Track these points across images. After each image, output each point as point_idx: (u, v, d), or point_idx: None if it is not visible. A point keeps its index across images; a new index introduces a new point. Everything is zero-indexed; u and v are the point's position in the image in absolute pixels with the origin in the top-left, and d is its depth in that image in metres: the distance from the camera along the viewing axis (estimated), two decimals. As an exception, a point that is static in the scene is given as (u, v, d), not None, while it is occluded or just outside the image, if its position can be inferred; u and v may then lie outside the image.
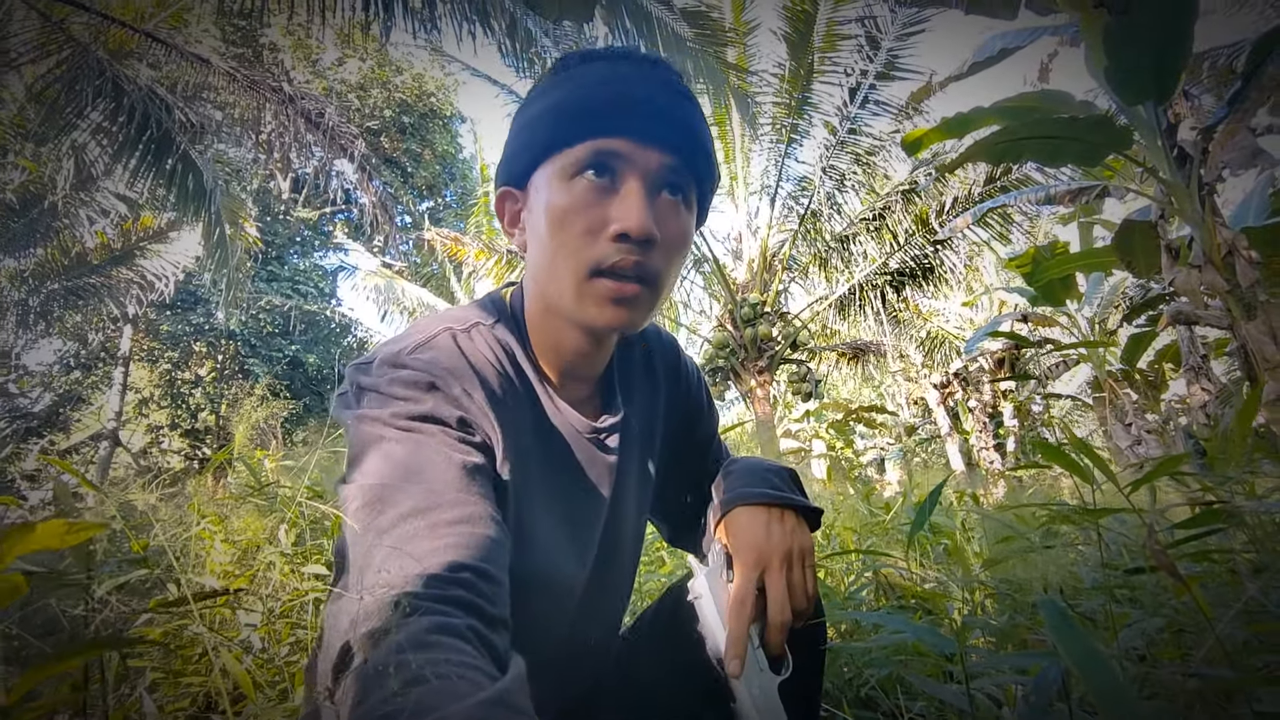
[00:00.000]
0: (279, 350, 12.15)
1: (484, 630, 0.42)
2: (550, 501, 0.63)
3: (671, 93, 0.59)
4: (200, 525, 1.39)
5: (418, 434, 0.51)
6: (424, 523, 0.46)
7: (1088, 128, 2.76)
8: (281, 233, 13.24)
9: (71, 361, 10.65)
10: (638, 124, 0.56)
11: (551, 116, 0.58)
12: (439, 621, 0.40)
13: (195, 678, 1.02)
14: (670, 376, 0.78)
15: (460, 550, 0.45)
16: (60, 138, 5.23)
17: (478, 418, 0.56)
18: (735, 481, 0.70)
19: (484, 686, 0.35)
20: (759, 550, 0.63)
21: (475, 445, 0.54)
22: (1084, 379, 9.99)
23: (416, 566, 0.43)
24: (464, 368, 0.57)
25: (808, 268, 7.98)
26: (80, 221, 7.14)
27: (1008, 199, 4.72)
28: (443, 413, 0.53)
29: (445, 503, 0.47)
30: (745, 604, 0.60)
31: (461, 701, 0.33)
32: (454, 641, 0.39)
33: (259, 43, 12.99)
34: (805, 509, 0.68)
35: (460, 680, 0.36)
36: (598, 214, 0.56)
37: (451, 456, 0.51)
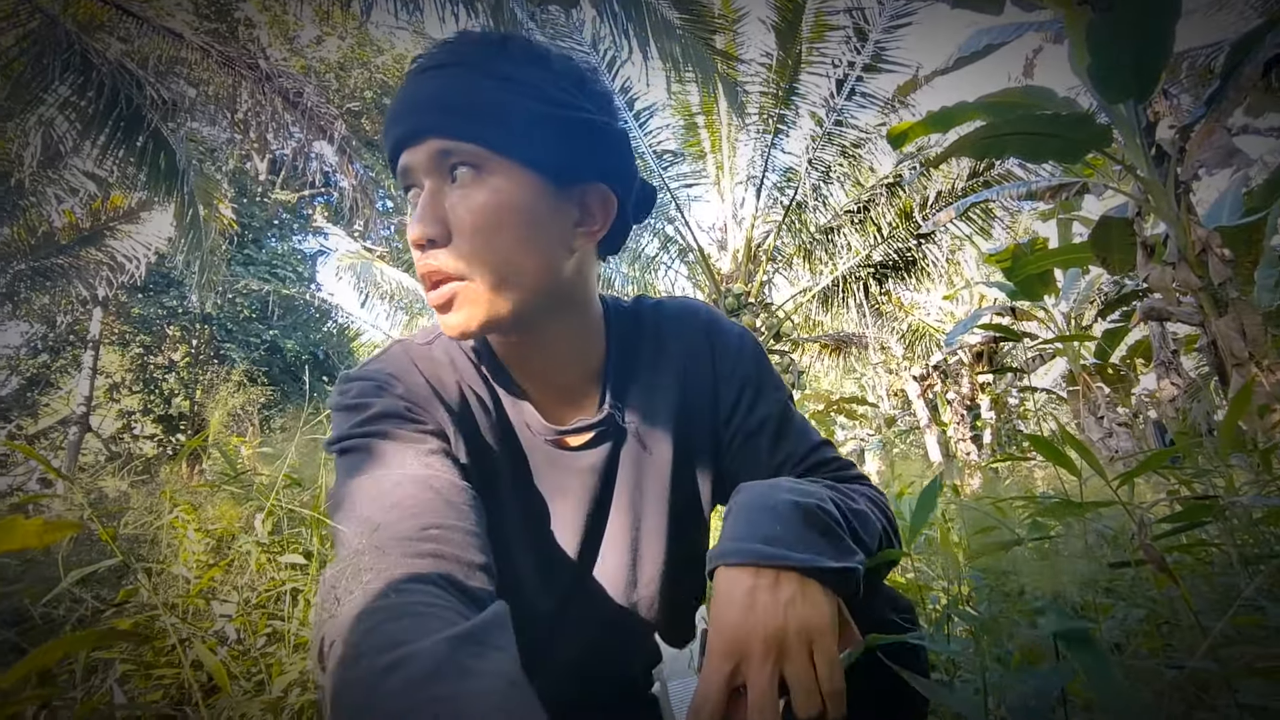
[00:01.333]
0: (256, 335, 11.92)
1: (457, 577, 0.44)
2: (509, 502, 0.63)
3: (440, 69, 0.55)
4: (173, 514, 1.36)
5: (374, 436, 0.55)
6: (388, 501, 0.49)
7: (1069, 124, 2.79)
8: (259, 215, 12.94)
9: (39, 344, 10.36)
10: (406, 127, 0.55)
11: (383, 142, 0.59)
12: (410, 573, 0.42)
13: (168, 669, 1.00)
14: (692, 356, 0.67)
15: (425, 513, 0.47)
16: (26, 113, 5.04)
17: (426, 410, 0.58)
18: (728, 523, 0.51)
19: (456, 623, 0.36)
20: (732, 633, 0.45)
21: (428, 432, 0.57)
22: (1059, 373, 10.20)
23: (385, 532, 0.45)
24: (408, 370, 0.60)
25: (792, 259, 8.01)
26: (48, 200, 6.91)
27: (990, 194, 4.77)
28: (393, 408, 0.57)
29: (407, 479, 0.51)
30: (701, 710, 0.43)
31: (430, 637, 0.34)
32: (424, 587, 0.41)
33: (233, 18, 12.62)
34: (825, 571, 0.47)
35: (431, 619, 0.37)
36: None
37: (406, 446, 0.54)
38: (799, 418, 0.68)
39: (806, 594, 0.46)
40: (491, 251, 0.54)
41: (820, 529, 0.50)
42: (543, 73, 0.56)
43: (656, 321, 0.69)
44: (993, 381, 9.64)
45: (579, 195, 0.59)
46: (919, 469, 4.38)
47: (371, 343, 13.42)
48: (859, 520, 0.55)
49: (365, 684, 0.33)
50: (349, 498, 0.51)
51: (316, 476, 1.71)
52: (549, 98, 0.55)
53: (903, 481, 2.31)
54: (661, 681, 0.49)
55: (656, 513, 0.67)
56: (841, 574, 0.48)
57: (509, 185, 0.54)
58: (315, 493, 1.62)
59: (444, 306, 0.56)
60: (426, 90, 0.55)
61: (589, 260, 0.63)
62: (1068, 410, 9.13)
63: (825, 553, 0.48)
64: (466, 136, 0.54)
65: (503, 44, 0.56)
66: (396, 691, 0.32)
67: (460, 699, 0.31)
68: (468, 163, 0.54)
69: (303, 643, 1.15)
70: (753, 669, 0.43)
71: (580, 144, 0.57)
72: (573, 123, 0.56)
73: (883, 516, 0.60)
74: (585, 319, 0.64)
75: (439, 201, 0.55)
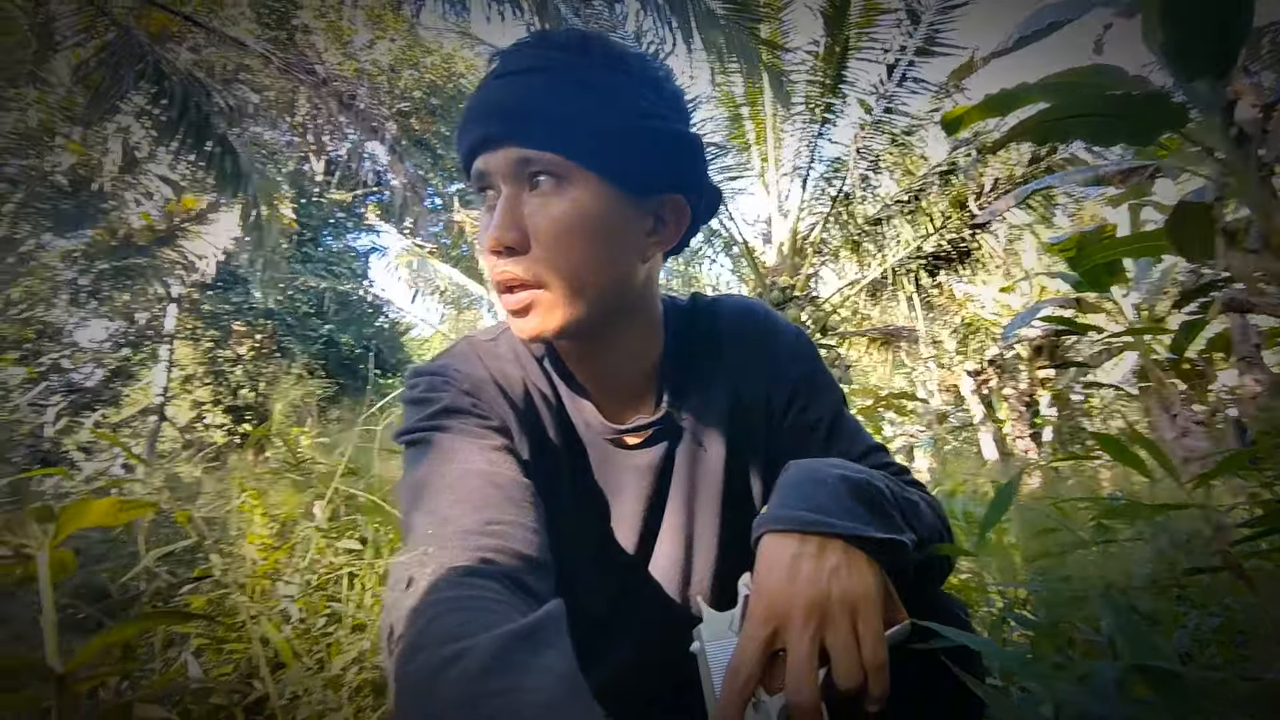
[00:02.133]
0: (314, 330, 12.43)
1: (518, 574, 0.45)
2: (568, 499, 0.64)
3: (523, 75, 0.55)
4: (240, 499, 1.44)
5: (440, 429, 0.57)
6: (452, 495, 0.50)
7: (1142, 104, 2.61)
8: (316, 214, 13.47)
9: (121, 339, 11.08)
10: (487, 132, 0.55)
11: (456, 142, 0.60)
12: (471, 567, 0.43)
13: (237, 645, 1.06)
14: (747, 356, 0.67)
15: (488, 508, 0.49)
16: (106, 121, 5.39)
17: (490, 406, 0.60)
18: (775, 496, 0.52)
19: (514, 618, 0.37)
20: (773, 598, 0.44)
21: (493, 428, 0.58)
22: (1129, 368, 9.66)
23: (449, 526, 0.47)
24: (475, 366, 0.62)
25: (839, 251, 7.82)
26: (126, 203, 7.38)
27: (1053, 180, 4.56)
28: (459, 403, 0.58)
29: (470, 474, 0.52)
30: (739, 672, 0.43)
31: (489, 631, 0.35)
32: (485, 582, 0.42)
33: (292, 25, 13.12)
34: (869, 541, 0.46)
35: (490, 613, 0.38)
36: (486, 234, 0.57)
37: (471, 440, 0.56)
38: (852, 421, 0.68)
39: (851, 563, 0.45)
40: (568, 261, 0.55)
41: (867, 502, 0.49)
42: (623, 78, 0.56)
43: (712, 320, 0.69)
44: (1054, 377, 9.20)
45: (654, 205, 0.59)
46: (972, 467, 4.24)
47: (420, 337, 13.81)
48: (910, 508, 0.54)
49: (427, 674, 0.34)
50: (416, 489, 0.53)
51: (372, 466, 1.77)
52: (629, 106, 0.56)
53: (955, 479, 2.23)
54: (700, 642, 0.49)
55: (710, 511, 0.67)
56: (888, 546, 0.47)
57: (587, 196, 0.55)
58: (371, 481, 1.68)
59: (519, 312, 0.57)
60: (508, 95, 0.55)
61: (657, 266, 0.64)
62: (1138, 408, 8.64)
63: (872, 524, 0.48)
64: (547, 146, 0.54)
65: (584, 48, 0.56)
66: (456, 683, 0.33)
67: (516, 693, 0.32)
68: (548, 172, 0.54)
69: (360, 624, 1.21)
70: (793, 634, 0.43)
71: (658, 155, 0.57)
72: (652, 133, 0.57)
73: (937, 518, 0.59)
74: (649, 321, 0.65)
75: (517, 209, 0.55)
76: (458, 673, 0.33)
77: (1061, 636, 0.51)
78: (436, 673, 0.34)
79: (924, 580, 0.54)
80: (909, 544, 0.49)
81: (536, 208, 0.55)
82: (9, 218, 6.66)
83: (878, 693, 0.42)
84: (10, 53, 5.59)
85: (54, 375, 8.35)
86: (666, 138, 0.58)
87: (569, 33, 0.59)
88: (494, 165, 0.55)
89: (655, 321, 0.66)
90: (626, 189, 0.56)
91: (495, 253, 0.55)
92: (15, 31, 5.49)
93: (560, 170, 0.54)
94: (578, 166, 0.54)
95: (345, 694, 1.03)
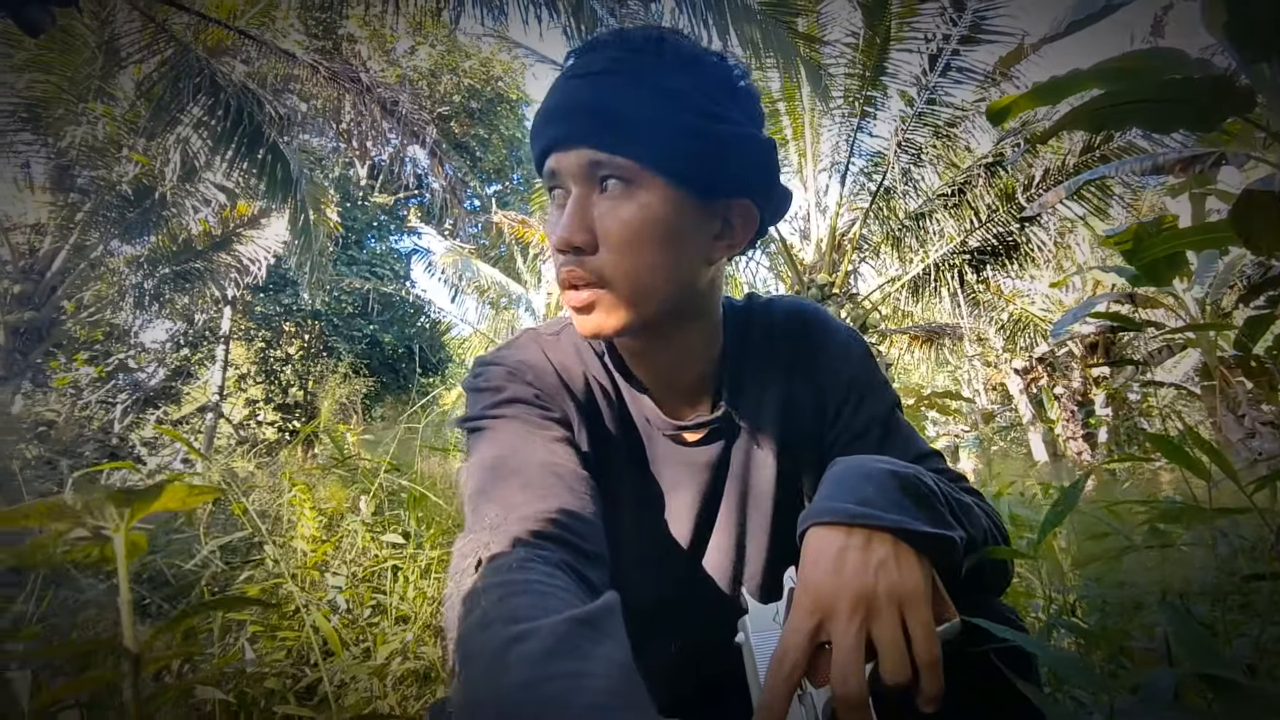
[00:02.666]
0: (358, 330, 12.82)
1: (576, 564, 0.46)
2: (625, 492, 0.65)
3: (598, 78, 0.56)
4: (291, 493, 1.50)
5: (503, 418, 0.59)
6: (514, 482, 0.52)
7: (1203, 89, 2.47)
8: (360, 218, 13.87)
9: (181, 339, 11.64)
10: (560, 132, 0.56)
11: (531, 139, 0.61)
12: (533, 552, 0.45)
13: (289, 632, 1.10)
14: (801, 356, 0.68)
15: (548, 497, 0.51)
16: (167, 132, 5.66)
17: (552, 397, 0.62)
18: (821, 489, 0.52)
19: (575, 605, 0.38)
20: (818, 590, 0.44)
21: (555, 419, 0.60)
22: (1191, 365, 9.16)
23: (514, 512, 0.49)
24: (539, 360, 0.64)
25: (879, 247, 7.65)
26: (186, 210, 7.74)
27: (1108, 170, 4.35)
28: (521, 393, 0.61)
29: (531, 463, 0.54)
30: (783, 662, 0.42)
31: (551, 616, 0.36)
32: (548, 568, 0.44)
33: (338, 34, 13.55)
34: (917, 535, 0.46)
35: (554, 598, 0.39)
36: (553, 232, 0.58)
37: (533, 429, 0.58)
38: (906, 425, 0.67)
39: (899, 557, 0.44)
40: (634, 264, 0.56)
41: (916, 498, 0.48)
42: (696, 80, 0.56)
43: (768, 321, 0.70)
44: (1110, 375, 8.81)
45: (722, 209, 0.60)
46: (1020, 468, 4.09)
47: (460, 337, 14.08)
48: (961, 508, 0.53)
49: (492, 651, 0.35)
50: (479, 474, 0.55)
51: (414, 462, 1.82)
52: (702, 110, 0.56)
53: (1001, 481, 2.16)
54: (745, 633, 0.49)
55: (762, 510, 0.68)
56: (937, 542, 0.46)
57: (657, 201, 0.55)
58: (412, 478, 1.73)
59: (582, 309, 0.58)
60: (582, 97, 0.56)
61: (722, 268, 0.65)
62: (1201, 407, 8.21)
63: (920, 519, 0.47)
64: (619, 150, 0.54)
65: (658, 49, 0.56)
66: (520, 663, 0.34)
67: (577, 678, 0.33)
68: (618, 176, 0.55)
69: (403, 616, 1.24)
70: (838, 626, 0.42)
71: (729, 160, 0.57)
72: (722, 138, 0.57)
73: (992, 523, 0.57)
74: (710, 322, 0.66)
75: (587, 209, 0.56)
76: (522, 653, 0.34)
77: (1113, 644, 0.49)
78: (502, 650, 0.35)
79: (976, 585, 0.53)
80: (958, 541, 0.48)
81: (606, 210, 0.56)
82: (80, 226, 7.07)
83: (931, 691, 0.41)
84: (80, 70, 5.94)
85: (121, 374, 8.83)
86: (737, 142, 0.58)
87: (644, 32, 0.58)
88: (565, 166, 0.56)
89: (716, 322, 0.67)
90: (695, 193, 0.57)
91: (562, 251, 0.57)
92: (84, 50, 5.83)
93: (630, 175, 0.55)
94: (647, 171, 0.55)
95: (390, 683, 1.06)
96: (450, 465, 3.22)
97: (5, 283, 6.92)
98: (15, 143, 6.50)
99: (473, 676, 0.35)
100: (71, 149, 6.43)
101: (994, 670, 0.48)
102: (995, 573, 0.57)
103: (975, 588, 0.53)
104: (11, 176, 6.87)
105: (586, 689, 0.32)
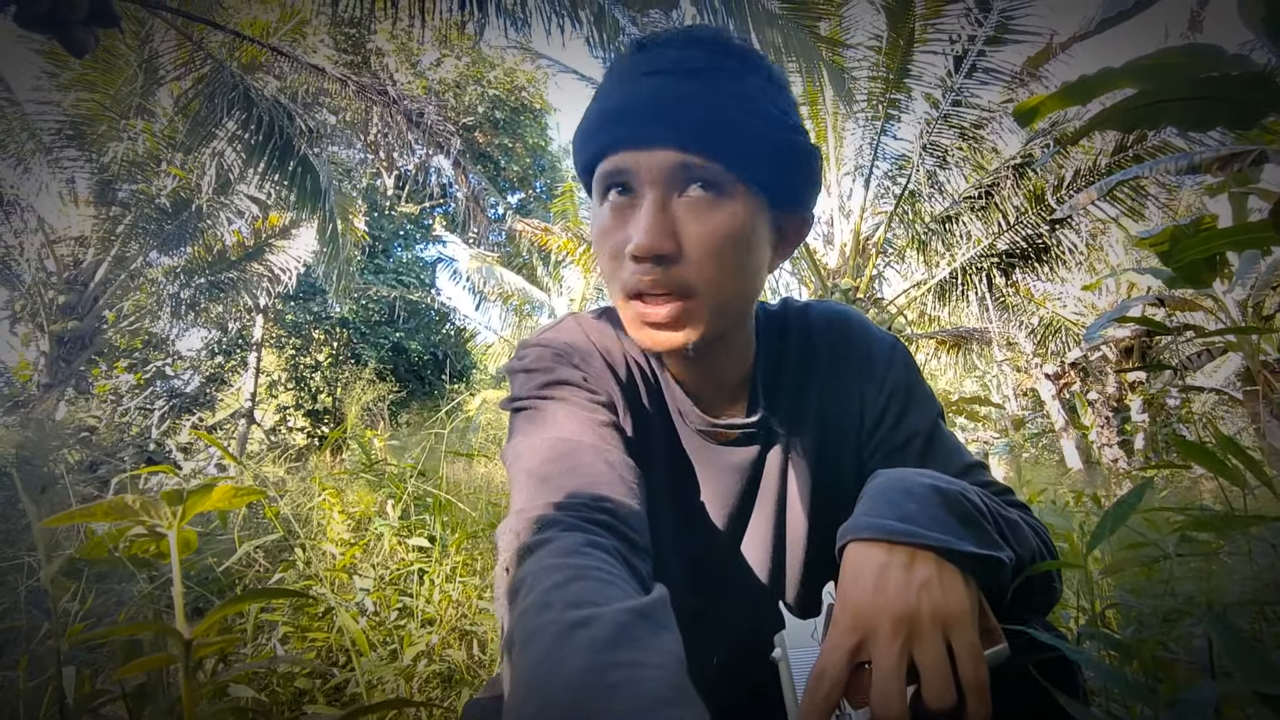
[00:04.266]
0: (385, 337, 13.05)
1: (627, 554, 0.45)
2: (661, 483, 0.64)
3: (681, 77, 0.52)
4: (321, 497, 1.53)
5: (552, 399, 0.58)
6: (566, 465, 0.51)
7: (1242, 85, 2.41)
8: (386, 227, 14.14)
9: (215, 347, 11.98)
10: (641, 130, 0.52)
11: (582, 134, 0.57)
12: (589, 538, 0.44)
13: (319, 634, 1.12)
14: (840, 363, 0.66)
15: (601, 485, 0.50)
16: (203, 146, 5.85)
17: (598, 380, 0.62)
18: (861, 504, 0.50)
19: (633, 596, 0.38)
20: (857, 608, 0.42)
21: (602, 403, 0.59)
22: (1232, 370, 8.86)
23: (564, 497, 0.47)
24: (583, 342, 0.63)
25: (904, 251, 7.55)
26: (220, 222, 7.98)
27: (1142, 170, 4.26)
28: (570, 376, 0.60)
29: (583, 447, 0.53)
30: (821, 681, 0.41)
31: (611, 604, 0.36)
32: (603, 555, 0.43)
33: (366, 49, 13.87)
34: (963, 556, 0.44)
35: (612, 586, 0.39)
36: (622, 236, 0.54)
37: (582, 412, 0.57)
38: (950, 437, 0.65)
39: (944, 578, 0.43)
40: (720, 274, 0.54)
41: (961, 516, 0.46)
42: (765, 84, 0.55)
43: (805, 325, 0.68)
44: (1147, 380, 8.55)
45: (784, 219, 0.60)
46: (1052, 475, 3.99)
47: (484, 344, 14.24)
48: (1009, 526, 0.50)
49: (553, 634, 0.35)
50: (529, 455, 0.54)
51: (440, 467, 1.84)
52: (775, 119, 0.55)
53: (1033, 488, 2.11)
54: (782, 649, 0.48)
55: (799, 519, 0.66)
56: (985, 563, 0.44)
57: (743, 210, 0.54)
58: (438, 483, 1.75)
59: (664, 324, 0.54)
60: (666, 95, 0.52)
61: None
62: (1244, 413, 7.92)
63: (965, 538, 0.45)
64: (712, 153, 0.52)
65: (729, 50, 0.55)
66: (582, 649, 0.33)
67: (640, 668, 0.33)
68: (707, 181, 0.52)
69: (429, 619, 1.26)
70: (879, 647, 0.41)
71: (800, 169, 0.57)
72: (796, 149, 0.56)
73: (1040, 541, 0.54)
74: (750, 328, 0.66)
75: (670, 214, 0.53)
76: (586, 637, 0.34)
77: (1148, 655, 0.47)
78: (565, 634, 0.35)
79: (1024, 604, 0.51)
80: (1007, 562, 0.46)
81: (690, 215, 0.53)
82: (121, 238, 7.33)
83: (979, 717, 0.39)
84: (121, 89, 6.17)
85: (158, 381, 9.11)
86: (808, 154, 0.57)
87: (713, 32, 0.56)
88: (643, 166, 0.52)
89: (753, 328, 0.67)
90: (769, 201, 0.56)
91: (642, 259, 0.53)
92: (125, 69, 6.06)
93: (718, 179, 0.52)
94: (734, 177, 0.53)
95: (416, 685, 1.07)
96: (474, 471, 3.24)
97: (51, 293, 7.19)
98: (61, 159, 6.78)
99: (532, 659, 0.35)
100: (113, 164, 6.68)
101: (1037, 690, 0.46)
102: (1043, 589, 0.54)
103: (1020, 605, 0.51)
104: (57, 191, 7.16)
105: (649, 678, 0.32)
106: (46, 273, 7.30)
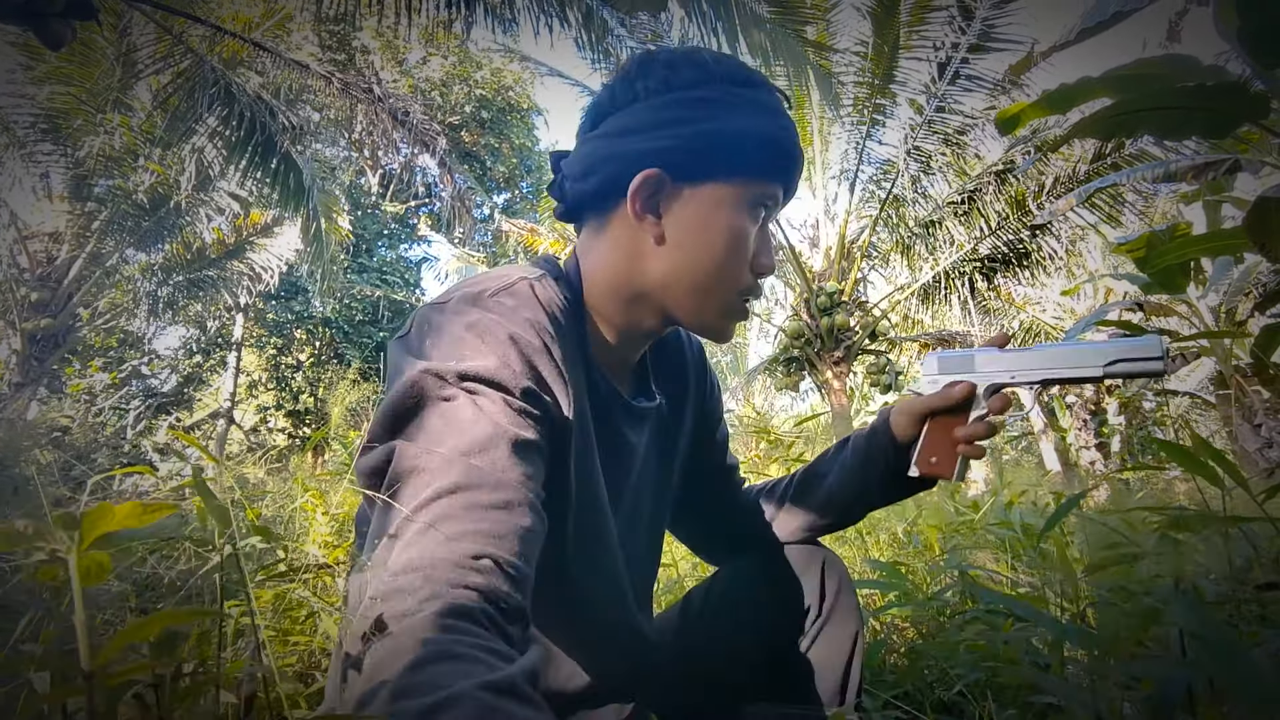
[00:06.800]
0: (369, 337, 12.92)
1: (500, 620, 0.41)
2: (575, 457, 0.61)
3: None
4: (303, 499, 1.51)
5: (478, 396, 0.49)
6: (460, 502, 0.44)
7: (1217, 95, 2.45)
8: (370, 226, 14.01)
9: (193, 346, 11.78)
10: (795, 176, 0.65)
11: (756, 144, 0.61)
12: (458, 606, 0.39)
13: (301, 638, 1.11)
14: (698, 378, 0.79)
15: (490, 538, 0.44)
16: (182, 142, 5.75)
17: (549, 375, 0.54)
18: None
19: (496, 669, 0.35)
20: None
21: (534, 418, 0.51)
22: (1206, 374, 9.06)
23: (444, 548, 0.42)
24: (543, 317, 0.56)
25: (889, 255, 7.64)
26: (200, 219, 7.85)
27: (1119, 177, 4.35)
28: (508, 378, 0.50)
29: (487, 484, 0.46)
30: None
31: (470, 680, 0.33)
32: (469, 625, 0.39)
33: (351, 46, 13.74)
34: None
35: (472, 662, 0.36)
36: (752, 249, 0.64)
37: (506, 430, 0.48)
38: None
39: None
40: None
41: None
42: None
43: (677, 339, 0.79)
44: (1123, 384, 8.72)
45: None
46: (1032, 477, 4.05)
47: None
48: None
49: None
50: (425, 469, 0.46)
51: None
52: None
53: (1013, 490, 2.14)
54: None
55: (659, 494, 0.75)
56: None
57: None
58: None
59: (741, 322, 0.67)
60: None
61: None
62: (1217, 416, 8.10)
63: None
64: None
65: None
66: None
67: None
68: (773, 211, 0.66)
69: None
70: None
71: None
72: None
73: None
74: None
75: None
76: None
77: (1125, 652, 0.48)
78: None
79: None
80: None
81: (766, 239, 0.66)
82: (96, 234, 7.18)
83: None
84: (98, 82, 6.05)
85: (134, 380, 8.93)
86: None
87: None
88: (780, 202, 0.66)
89: None
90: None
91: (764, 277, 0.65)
92: (102, 63, 5.95)
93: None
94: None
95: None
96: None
97: (23, 290, 7.03)
98: (35, 153, 6.63)
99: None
100: (89, 159, 6.55)
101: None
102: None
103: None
104: (31, 186, 7.00)
105: None
106: (19, 269, 7.14)
